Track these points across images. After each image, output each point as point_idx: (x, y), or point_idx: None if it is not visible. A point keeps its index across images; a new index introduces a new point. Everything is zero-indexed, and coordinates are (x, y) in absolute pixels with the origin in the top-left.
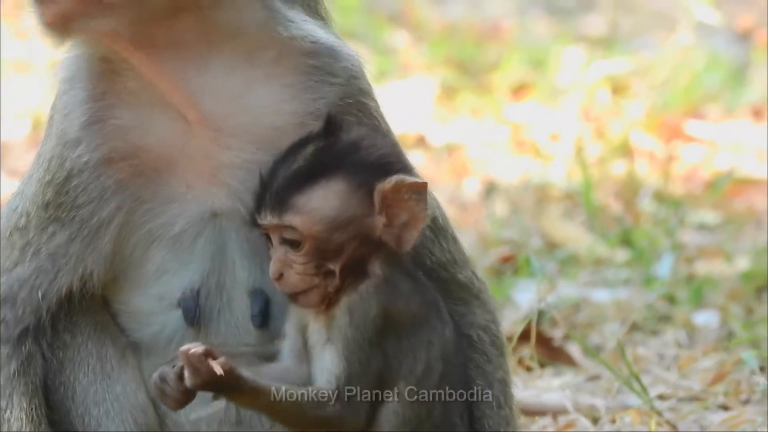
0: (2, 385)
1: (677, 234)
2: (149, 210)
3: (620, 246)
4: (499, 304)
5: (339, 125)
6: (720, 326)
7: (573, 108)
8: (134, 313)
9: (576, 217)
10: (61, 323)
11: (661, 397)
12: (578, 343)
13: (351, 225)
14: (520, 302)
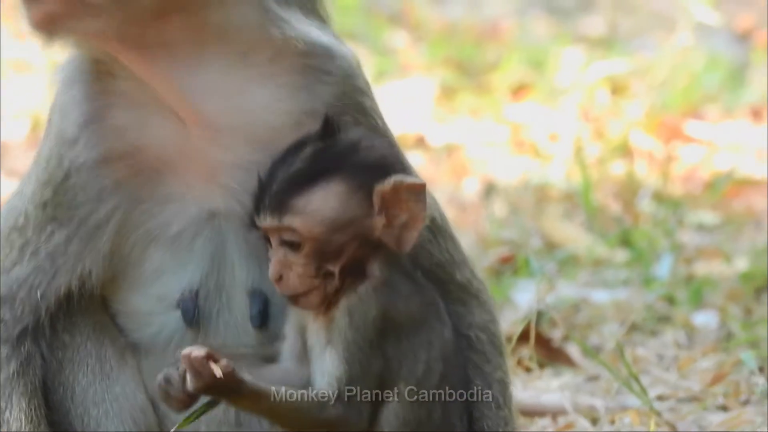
0: (2, 386)
1: (676, 234)
2: (147, 210)
3: (619, 246)
4: (499, 305)
5: (337, 126)
6: (719, 327)
7: (572, 108)
8: (133, 314)
9: (575, 218)
10: (60, 324)
11: (661, 398)
12: (577, 344)
13: (351, 226)
14: (520, 302)
